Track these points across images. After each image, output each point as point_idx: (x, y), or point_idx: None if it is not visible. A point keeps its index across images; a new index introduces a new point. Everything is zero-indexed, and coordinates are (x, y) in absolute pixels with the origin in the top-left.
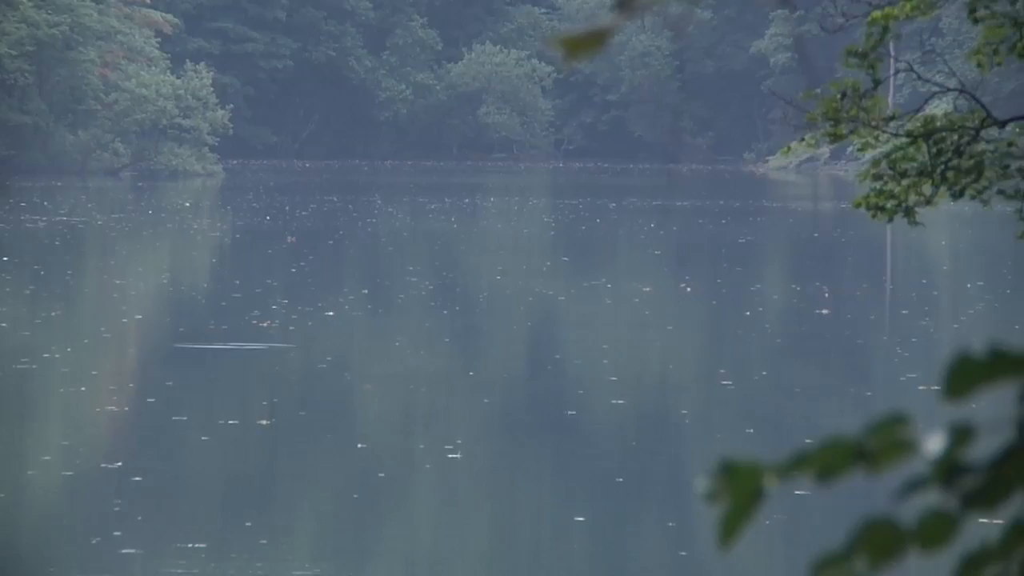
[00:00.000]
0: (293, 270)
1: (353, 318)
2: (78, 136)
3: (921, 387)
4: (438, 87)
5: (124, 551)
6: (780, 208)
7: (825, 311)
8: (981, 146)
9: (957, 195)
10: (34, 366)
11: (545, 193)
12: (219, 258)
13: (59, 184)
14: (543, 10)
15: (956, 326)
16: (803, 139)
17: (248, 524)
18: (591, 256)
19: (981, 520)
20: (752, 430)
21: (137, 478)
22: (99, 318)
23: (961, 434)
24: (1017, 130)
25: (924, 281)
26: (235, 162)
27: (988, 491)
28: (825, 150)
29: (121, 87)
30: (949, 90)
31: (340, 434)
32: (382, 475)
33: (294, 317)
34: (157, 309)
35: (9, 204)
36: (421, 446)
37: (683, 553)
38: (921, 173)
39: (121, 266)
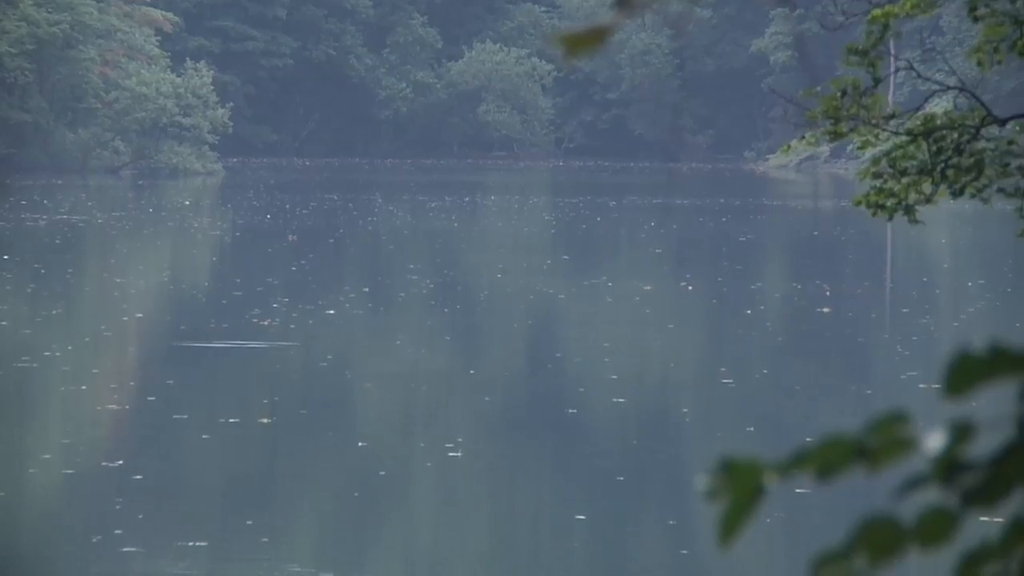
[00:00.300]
0: (294, 268)
1: (354, 316)
2: (78, 134)
3: (921, 385)
4: (438, 85)
5: (124, 550)
6: (780, 206)
7: (826, 309)
8: (981, 144)
9: (957, 193)
10: (35, 364)
11: (545, 191)
12: (220, 256)
13: (59, 182)
14: (543, 8)
15: (956, 324)
16: (803, 137)
17: (248, 523)
18: (591, 254)
19: (981, 518)
20: (752, 429)
21: (138, 477)
22: (100, 316)
23: (961, 432)
24: (1017, 128)
25: (924, 279)
26: (235, 160)
27: (988, 489)
28: (825, 148)
29: (121, 85)
30: (949, 88)
31: (340, 433)
32: (382, 474)
33: (295, 315)
34: (158, 307)
35: (9, 202)
36: (421, 445)
37: (683, 552)
38: (921, 171)
39: (121, 264)
